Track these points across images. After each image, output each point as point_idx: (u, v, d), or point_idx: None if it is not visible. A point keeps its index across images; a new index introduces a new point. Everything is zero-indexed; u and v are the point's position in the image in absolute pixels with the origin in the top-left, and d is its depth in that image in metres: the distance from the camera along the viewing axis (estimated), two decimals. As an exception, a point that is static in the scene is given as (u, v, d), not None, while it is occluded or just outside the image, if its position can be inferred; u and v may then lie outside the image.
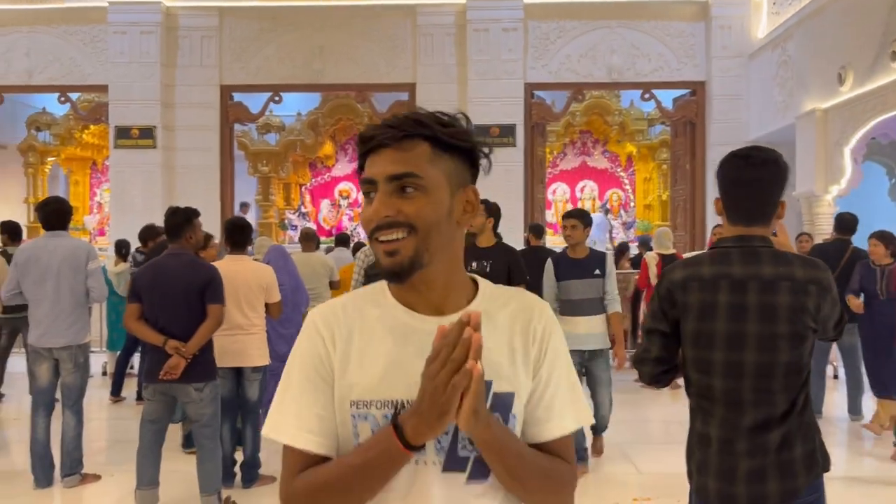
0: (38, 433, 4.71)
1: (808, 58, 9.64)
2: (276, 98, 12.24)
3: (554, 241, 13.04)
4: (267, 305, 4.74)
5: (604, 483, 4.84)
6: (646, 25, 11.72)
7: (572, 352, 4.57)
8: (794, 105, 9.94)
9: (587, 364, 5.02)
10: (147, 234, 7.14)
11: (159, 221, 5.03)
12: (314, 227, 14.63)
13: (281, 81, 12.00)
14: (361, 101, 12.95)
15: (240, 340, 4.58)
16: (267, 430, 1.22)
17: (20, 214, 13.78)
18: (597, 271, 4.97)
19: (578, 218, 5.03)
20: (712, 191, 11.64)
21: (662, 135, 14.51)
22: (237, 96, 12.22)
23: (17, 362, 7.22)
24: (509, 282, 4.58)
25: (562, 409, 1.26)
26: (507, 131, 11.45)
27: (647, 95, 12.12)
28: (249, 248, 6.07)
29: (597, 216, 15.69)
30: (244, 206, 14.39)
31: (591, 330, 4.95)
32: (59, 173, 16.54)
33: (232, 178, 12.31)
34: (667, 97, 12.29)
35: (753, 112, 11.35)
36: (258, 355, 4.69)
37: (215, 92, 11.91)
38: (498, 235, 5.12)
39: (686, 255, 9.57)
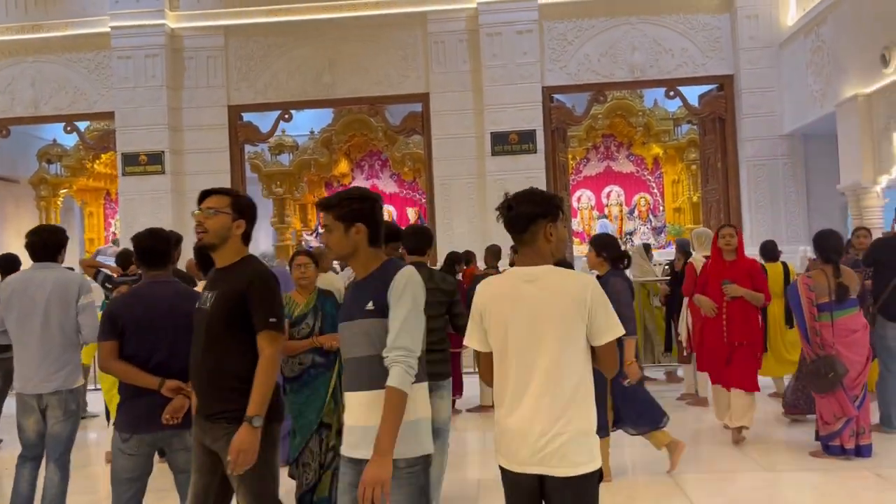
0: (21, 487, 4.21)
1: (845, 41, 9.01)
2: (286, 116, 11.87)
3: (580, 251, 12.44)
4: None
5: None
6: (668, 20, 11.18)
7: (349, 461, 2.56)
8: (832, 93, 9.30)
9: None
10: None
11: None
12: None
13: (290, 98, 11.62)
14: (374, 115, 12.52)
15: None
16: None
17: (33, 248, 13.53)
18: (370, 305, 2.46)
19: (325, 208, 2.59)
20: (747, 188, 11.00)
21: (690, 134, 13.90)
22: (246, 116, 11.86)
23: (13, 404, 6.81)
24: (247, 323, 2.78)
25: None
26: (527, 137, 10.92)
27: (671, 93, 11.55)
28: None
29: (602, 222, 15.12)
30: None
31: (357, 421, 2.48)
32: (73, 205, 16.35)
33: (244, 200, 11.91)
34: (692, 94, 11.71)
35: (787, 104, 10.70)
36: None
37: (223, 113, 11.56)
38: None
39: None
